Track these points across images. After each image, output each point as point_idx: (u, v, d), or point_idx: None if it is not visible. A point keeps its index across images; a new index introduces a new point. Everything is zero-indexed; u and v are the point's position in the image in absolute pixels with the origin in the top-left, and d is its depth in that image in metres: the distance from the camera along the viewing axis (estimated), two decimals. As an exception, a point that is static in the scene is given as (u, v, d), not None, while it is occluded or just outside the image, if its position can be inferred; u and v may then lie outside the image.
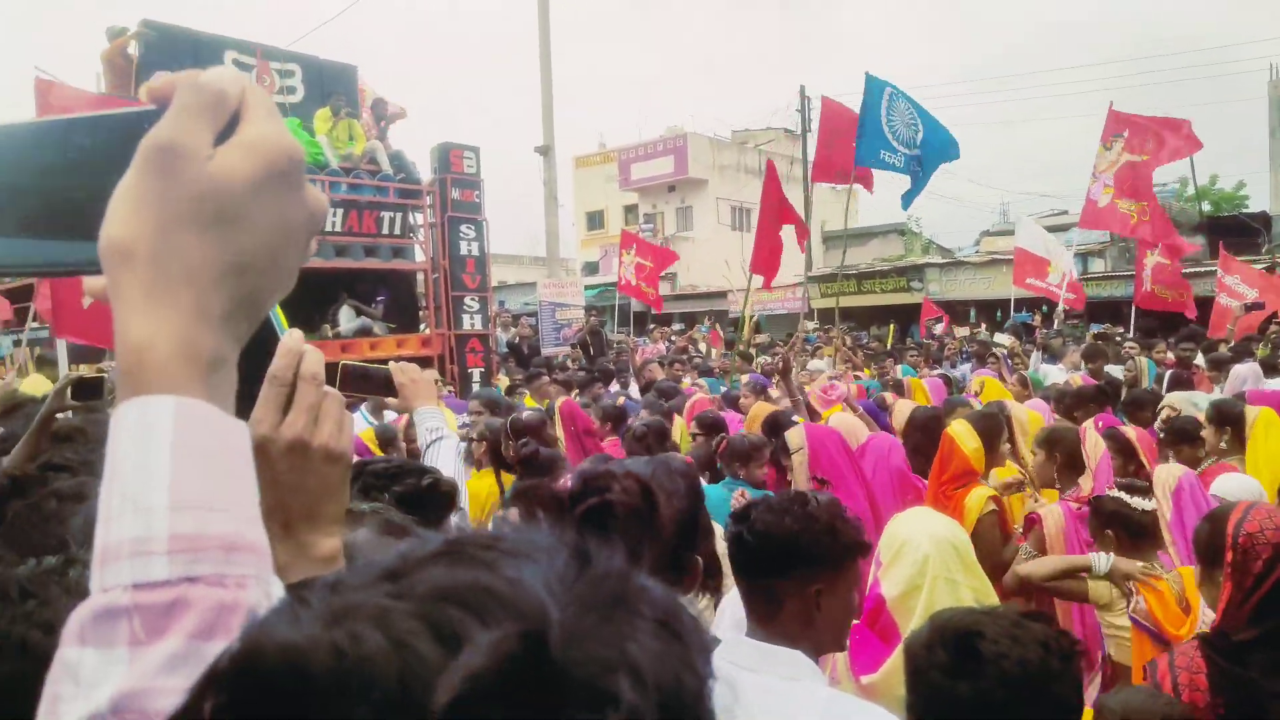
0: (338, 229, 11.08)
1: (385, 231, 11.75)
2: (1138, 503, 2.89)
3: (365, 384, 2.58)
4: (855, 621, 2.45)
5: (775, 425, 4.43)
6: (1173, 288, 10.75)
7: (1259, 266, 14.43)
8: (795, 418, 4.51)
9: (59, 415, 2.60)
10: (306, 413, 0.79)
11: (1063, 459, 3.92)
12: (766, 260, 9.03)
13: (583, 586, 0.35)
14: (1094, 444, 3.88)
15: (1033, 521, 3.44)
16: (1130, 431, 4.04)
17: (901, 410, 5.12)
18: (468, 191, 12.79)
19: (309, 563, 0.81)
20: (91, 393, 2.72)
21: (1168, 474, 3.11)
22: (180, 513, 0.46)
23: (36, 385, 6.17)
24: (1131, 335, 10.84)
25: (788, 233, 9.24)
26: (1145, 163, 8.93)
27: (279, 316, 0.88)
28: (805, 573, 1.63)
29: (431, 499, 1.71)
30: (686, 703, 0.34)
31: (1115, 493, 2.98)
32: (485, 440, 4.43)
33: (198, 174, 0.47)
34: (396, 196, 11.89)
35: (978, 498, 3.46)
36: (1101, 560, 2.83)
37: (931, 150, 8.41)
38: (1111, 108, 9.44)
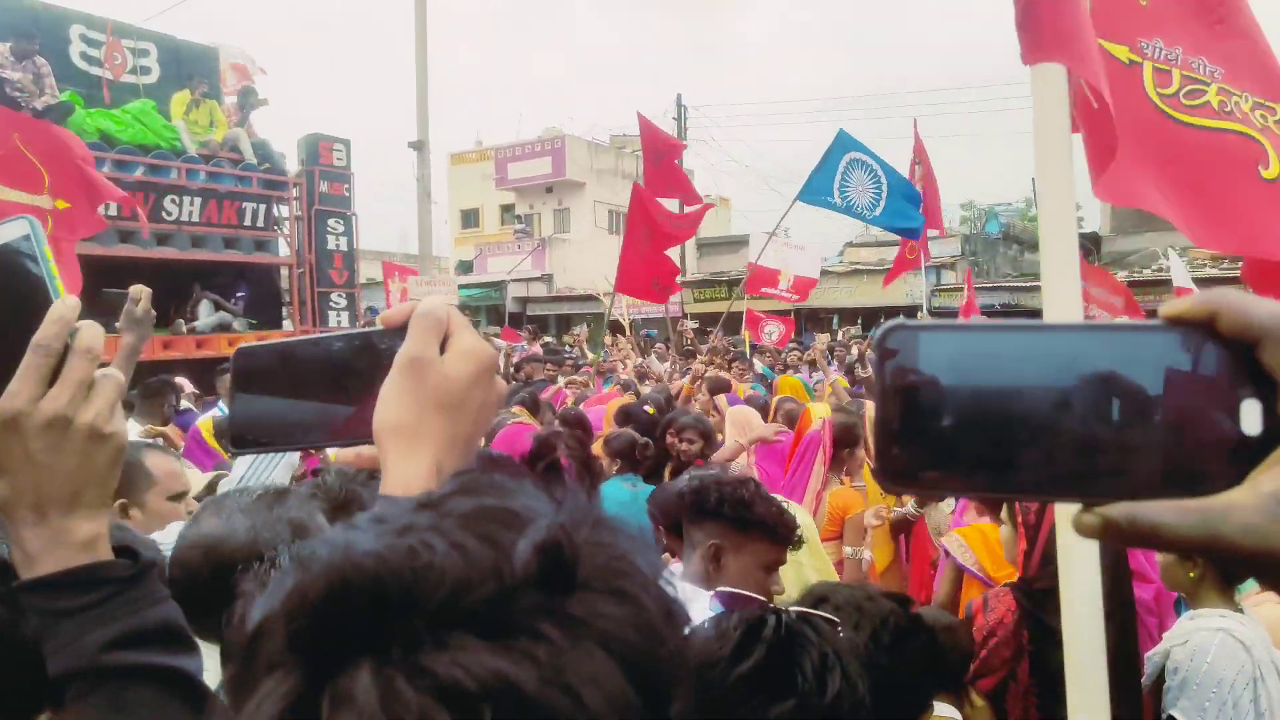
0: (195, 219, 10.55)
1: (247, 223, 11.26)
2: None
3: None
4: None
5: (626, 417, 4.66)
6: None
7: (1090, 281, 15.64)
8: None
9: None
10: (74, 387, 0.74)
11: None
12: (629, 279, 9.01)
13: (570, 511, 0.44)
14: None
15: None
16: None
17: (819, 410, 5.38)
18: (337, 185, 12.45)
19: (66, 549, 0.75)
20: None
21: None
22: None
23: None
24: None
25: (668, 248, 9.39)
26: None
27: (55, 282, 0.78)
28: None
29: None
30: (669, 595, 0.44)
31: None
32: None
33: (437, 375, 0.67)
34: (260, 187, 11.42)
35: None
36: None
37: (893, 216, 9.00)
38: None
